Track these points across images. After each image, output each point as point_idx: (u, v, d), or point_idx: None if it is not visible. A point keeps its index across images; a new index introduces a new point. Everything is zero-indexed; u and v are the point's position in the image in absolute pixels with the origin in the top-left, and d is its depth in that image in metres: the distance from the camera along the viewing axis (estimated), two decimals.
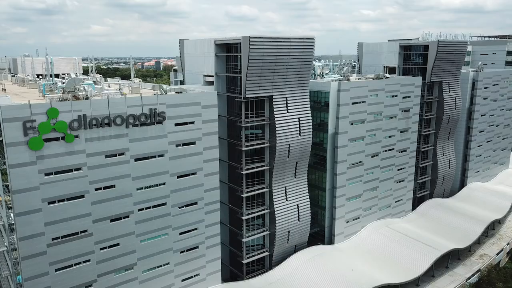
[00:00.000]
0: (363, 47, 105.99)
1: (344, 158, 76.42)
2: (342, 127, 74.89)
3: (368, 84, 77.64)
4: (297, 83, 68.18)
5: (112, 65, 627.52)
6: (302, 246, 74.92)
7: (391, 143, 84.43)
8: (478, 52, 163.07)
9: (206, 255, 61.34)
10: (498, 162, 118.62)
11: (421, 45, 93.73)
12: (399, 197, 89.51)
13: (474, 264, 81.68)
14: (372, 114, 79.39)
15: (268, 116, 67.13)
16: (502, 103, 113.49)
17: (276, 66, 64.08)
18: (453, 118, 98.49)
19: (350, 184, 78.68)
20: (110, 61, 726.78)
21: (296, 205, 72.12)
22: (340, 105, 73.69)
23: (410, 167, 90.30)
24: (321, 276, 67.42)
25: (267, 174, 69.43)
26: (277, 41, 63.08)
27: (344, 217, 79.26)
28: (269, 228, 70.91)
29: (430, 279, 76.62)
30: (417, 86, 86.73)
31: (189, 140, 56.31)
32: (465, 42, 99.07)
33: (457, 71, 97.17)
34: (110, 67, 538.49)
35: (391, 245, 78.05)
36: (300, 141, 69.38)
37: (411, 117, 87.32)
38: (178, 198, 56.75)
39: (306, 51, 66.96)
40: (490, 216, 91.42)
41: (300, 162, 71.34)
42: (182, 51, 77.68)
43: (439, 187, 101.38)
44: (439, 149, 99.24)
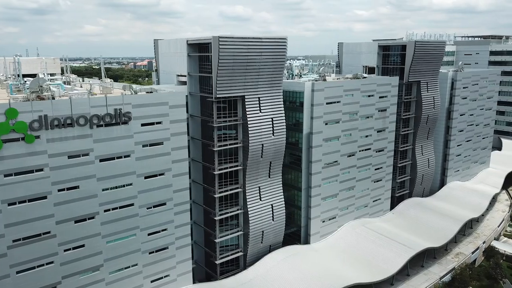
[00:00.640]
0: (343, 47, 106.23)
1: (319, 158, 76.52)
2: (317, 127, 74.97)
3: (343, 84, 77.81)
4: (270, 83, 68.14)
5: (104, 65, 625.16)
6: (277, 246, 74.94)
7: (367, 142, 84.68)
8: (462, 52, 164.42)
9: (176, 255, 61.13)
10: (478, 161, 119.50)
11: (399, 45, 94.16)
12: (376, 196, 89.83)
13: (449, 263, 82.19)
14: (348, 114, 79.56)
15: (241, 116, 67.06)
16: (482, 102, 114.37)
17: (247, 66, 63.98)
18: (431, 118, 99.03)
19: (325, 183, 78.80)
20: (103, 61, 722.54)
21: (270, 205, 72.10)
22: (314, 105, 73.76)
23: (388, 167, 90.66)
24: (294, 276, 67.44)
25: (240, 174, 69.34)
26: (248, 41, 62.98)
27: (320, 216, 79.37)
28: (243, 229, 70.84)
29: (405, 278, 76.98)
30: (394, 86, 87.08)
31: (157, 140, 56.07)
32: (443, 43, 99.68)
33: (435, 71, 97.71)
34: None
35: (367, 244, 78.28)
36: (274, 141, 69.35)
37: (388, 117, 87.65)
38: (146, 199, 56.50)
39: (279, 51, 66.93)
40: (467, 215, 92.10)
41: (274, 162, 71.31)
42: (156, 51, 77.38)
43: (418, 187, 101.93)
44: (418, 148, 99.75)
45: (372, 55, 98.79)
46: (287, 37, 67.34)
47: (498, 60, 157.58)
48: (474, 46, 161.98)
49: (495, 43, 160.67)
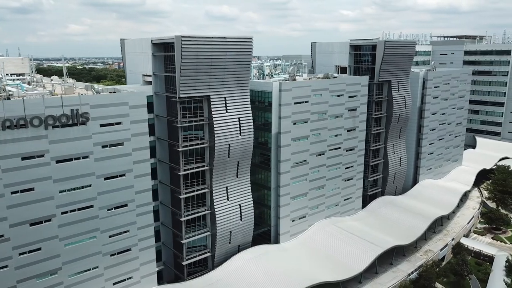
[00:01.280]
0: (316, 47, 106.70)
1: (287, 157, 76.69)
2: (285, 126, 75.10)
3: (311, 84, 78.13)
4: (236, 83, 67.98)
5: (88, 65, 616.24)
6: (246, 246, 74.88)
7: (337, 142, 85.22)
8: (438, 52, 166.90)
9: (139, 257, 60.59)
10: (451, 159, 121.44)
11: (369, 45, 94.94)
12: (347, 195, 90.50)
13: (418, 260, 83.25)
14: (316, 113, 79.93)
15: (207, 116, 66.76)
16: (454, 101, 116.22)
17: (212, 65, 63.73)
18: (403, 117, 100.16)
19: (294, 182, 79.04)
20: (87, 61, 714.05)
21: (238, 205, 71.98)
22: (282, 105, 73.88)
23: (359, 166, 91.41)
24: (261, 275, 67.47)
25: (207, 175, 69.05)
26: (212, 40, 62.72)
27: (290, 216, 79.59)
28: (210, 229, 70.58)
29: (373, 275, 77.74)
30: (363, 85, 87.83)
31: (117, 141, 55.46)
32: (413, 43, 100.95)
33: (406, 71, 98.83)
34: (86, 67, 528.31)
35: (336, 243, 78.79)
36: (241, 141, 69.24)
37: (358, 116, 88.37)
38: (106, 200, 55.82)
39: (244, 51, 66.85)
40: (436, 212, 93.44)
41: (242, 162, 71.21)
42: (123, 51, 76.54)
43: (391, 185, 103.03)
44: (389, 147, 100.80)
45: (344, 55, 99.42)
46: (252, 37, 67.34)
47: (472, 60, 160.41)
48: (449, 46, 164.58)
49: (469, 43, 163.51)
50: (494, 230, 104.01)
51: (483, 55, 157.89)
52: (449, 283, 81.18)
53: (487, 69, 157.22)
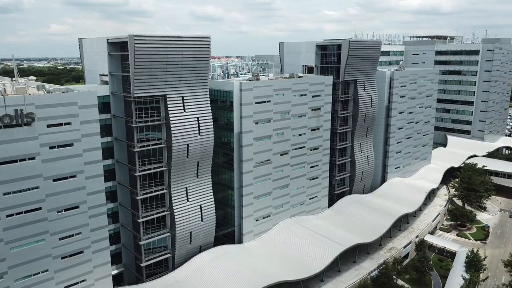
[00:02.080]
0: (284, 47, 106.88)
1: (250, 157, 76.56)
2: (246, 126, 74.95)
3: (272, 84, 78.19)
4: (194, 83, 67.54)
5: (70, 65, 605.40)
6: (208, 247, 74.51)
7: (301, 141, 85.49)
8: (411, 52, 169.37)
9: (93, 259, 59.60)
10: (419, 157, 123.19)
11: (335, 44, 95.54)
12: (313, 194, 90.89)
13: (381, 258, 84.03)
14: (279, 113, 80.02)
15: (164, 116, 66.17)
16: (421, 101, 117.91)
17: (168, 65, 63.19)
18: (369, 116, 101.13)
19: (257, 182, 78.97)
20: (69, 61, 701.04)
21: (199, 205, 71.56)
22: (243, 105, 73.70)
23: (324, 165, 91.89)
24: (221, 275, 67.21)
25: (166, 175, 68.45)
26: (167, 40, 62.18)
27: (253, 215, 79.50)
28: (170, 230, 70.00)
29: (336, 274, 78.26)
30: (327, 85, 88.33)
31: (66, 141, 54.40)
32: (378, 43, 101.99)
33: (372, 70, 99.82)
34: (67, 68, 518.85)
35: (299, 242, 79.01)
36: (200, 141, 68.84)
37: (323, 116, 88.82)
38: (56, 202, 54.72)
39: (202, 50, 66.48)
40: (401, 210, 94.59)
41: (202, 162, 70.80)
42: (81, 50, 75.29)
43: (358, 183, 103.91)
44: (356, 146, 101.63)
45: (310, 55, 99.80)
46: (210, 36, 67.02)
47: (443, 60, 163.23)
48: (421, 46, 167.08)
49: (440, 44, 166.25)
50: (459, 227, 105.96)
51: (454, 55, 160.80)
52: (411, 280, 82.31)
53: (457, 68, 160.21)
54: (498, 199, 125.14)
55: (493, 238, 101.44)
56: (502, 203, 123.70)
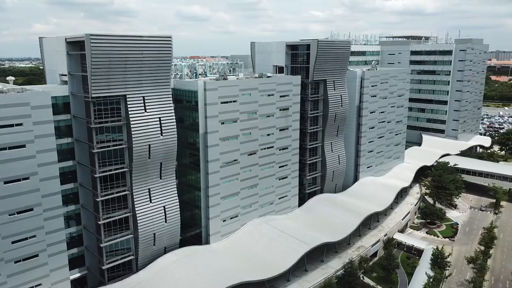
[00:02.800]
0: (255, 47, 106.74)
1: (216, 157, 76.15)
2: (212, 126, 74.53)
3: (238, 84, 77.94)
4: (156, 83, 66.87)
5: None
6: (173, 248, 73.88)
7: (269, 141, 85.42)
8: (387, 52, 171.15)
9: (49, 263, 58.45)
10: (392, 156, 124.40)
11: (304, 44, 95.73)
12: (283, 193, 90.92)
13: (349, 257, 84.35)
14: (246, 113, 79.78)
15: (124, 116, 65.33)
16: (393, 100, 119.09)
17: (127, 65, 62.42)
18: (340, 116, 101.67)
19: (225, 182, 78.62)
20: None
21: (162, 206, 70.88)
22: (208, 105, 73.26)
23: (294, 164, 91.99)
24: (185, 276, 66.66)
25: (128, 176, 67.59)
26: (126, 39, 61.45)
27: (220, 216, 79.11)
28: (133, 232, 69.16)
29: (302, 273, 78.44)
30: (295, 85, 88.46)
31: (17, 143, 53.15)
32: (348, 42, 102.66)
33: (342, 70, 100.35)
34: None
35: (266, 242, 78.93)
36: (163, 142, 68.19)
37: (291, 115, 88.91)
38: (8, 205, 53.44)
39: (163, 50, 65.92)
40: (370, 209, 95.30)
41: (165, 163, 70.14)
42: (42, 50, 73.84)
43: (330, 183, 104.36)
44: (327, 145, 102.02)
45: (281, 55, 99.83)
46: (171, 36, 66.46)
47: (418, 60, 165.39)
48: (397, 46, 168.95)
49: (415, 44, 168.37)
50: (429, 224, 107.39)
51: (428, 55, 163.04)
52: (378, 278, 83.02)
53: (432, 68, 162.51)
54: (469, 196, 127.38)
55: (461, 235, 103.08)
56: (472, 200, 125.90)
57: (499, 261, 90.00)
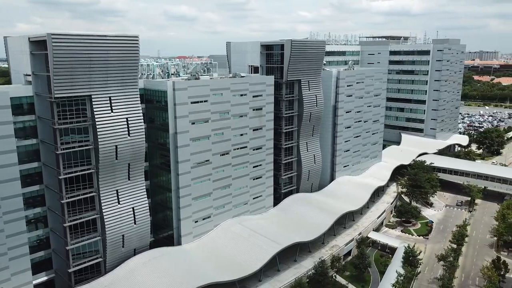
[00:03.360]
0: (230, 47, 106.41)
1: (186, 158, 75.61)
2: (182, 126, 73.97)
3: (209, 84, 77.55)
4: (123, 83, 66.11)
5: None
6: (143, 249, 73.14)
7: (243, 141, 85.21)
8: (366, 52, 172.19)
9: (10, 267, 57.35)
10: (369, 156, 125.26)
11: (278, 44, 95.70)
12: (257, 193, 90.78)
13: (323, 256, 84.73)
14: (218, 113, 79.42)
15: (90, 117, 64.41)
16: (369, 100, 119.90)
17: (92, 64, 61.59)
18: (314, 116, 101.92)
19: (196, 183, 78.14)
20: None
21: (131, 208, 70.07)
22: (177, 105, 72.69)
23: (268, 164, 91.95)
24: (152, 278, 65.98)
25: (94, 178, 66.67)
26: (89, 39, 60.61)
27: (192, 217, 78.59)
28: (101, 234, 68.25)
29: (275, 273, 78.42)
30: (269, 85, 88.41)
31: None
32: (323, 42, 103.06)
33: (316, 70, 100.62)
34: None
35: (238, 243, 78.66)
36: (130, 142, 67.43)
37: (265, 115, 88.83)
38: None
39: (130, 49, 65.21)
40: (344, 208, 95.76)
41: (134, 163, 69.38)
42: (7, 49, 72.44)
43: (305, 182, 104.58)
44: (302, 145, 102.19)
45: (256, 55, 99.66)
46: (138, 35, 65.80)
47: (397, 60, 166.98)
48: (376, 46, 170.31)
49: (394, 44, 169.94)
50: (405, 223, 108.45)
51: (406, 55, 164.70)
52: (351, 277, 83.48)
53: (410, 68, 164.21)
54: (445, 194, 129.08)
55: (436, 233, 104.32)
56: (448, 199, 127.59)
57: (470, 258, 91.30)
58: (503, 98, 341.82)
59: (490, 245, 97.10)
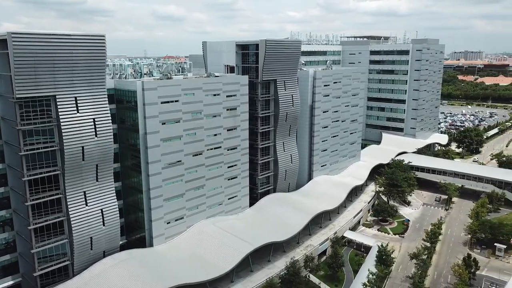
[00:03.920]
0: (207, 46, 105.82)
1: (157, 159, 74.80)
2: (152, 127, 73.16)
3: (180, 83, 76.89)
4: (89, 83, 65.13)
5: None
6: (113, 251, 72.19)
7: (216, 141, 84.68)
8: (347, 52, 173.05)
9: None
10: (347, 155, 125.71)
11: (253, 44, 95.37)
12: (232, 194, 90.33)
13: (297, 256, 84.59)
14: (190, 113, 78.77)
15: (55, 117, 63.27)
16: (347, 99, 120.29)
17: (56, 64, 60.50)
18: (291, 116, 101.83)
19: (168, 184, 77.38)
20: None
21: (99, 210, 69.08)
22: (146, 105, 71.86)
23: (243, 164, 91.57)
24: (120, 280, 65.08)
25: (61, 179, 65.53)
26: (53, 38, 59.51)
27: (164, 218, 77.81)
28: (68, 236, 67.13)
29: (247, 274, 78.08)
30: (243, 84, 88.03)
31: None
32: (298, 42, 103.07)
33: (292, 70, 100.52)
34: None
35: (212, 243, 78.09)
36: (98, 143, 66.47)
37: (239, 115, 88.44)
38: None
39: (96, 49, 64.27)
40: (319, 208, 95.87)
41: (102, 165, 68.40)
42: None
43: (282, 182, 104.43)
44: (279, 145, 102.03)
45: (232, 54, 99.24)
46: (105, 34, 64.85)
47: (377, 60, 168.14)
48: (357, 46, 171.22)
49: (374, 44, 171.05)
50: (382, 222, 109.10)
51: (387, 54, 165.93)
52: (325, 276, 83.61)
53: (390, 68, 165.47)
54: (423, 193, 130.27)
55: (411, 232, 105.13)
56: (426, 197, 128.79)
57: (444, 256, 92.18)
58: (485, 98, 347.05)
59: (464, 243, 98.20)
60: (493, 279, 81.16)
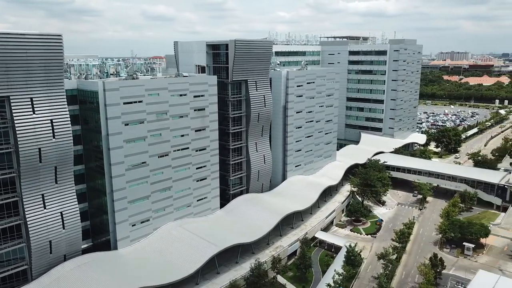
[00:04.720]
0: (178, 46, 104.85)
1: (120, 160, 73.68)
2: (114, 127, 72.03)
3: (144, 83, 75.87)
4: (46, 83, 63.85)
5: None
6: (75, 255, 70.90)
7: (184, 142, 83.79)
8: (327, 52, 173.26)
9: None
10: (323, 155, 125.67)
11: (224, 44, 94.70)
12: (201, 195, 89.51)
13: (266, 257, 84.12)
14: (155, 113, 77.78)
15: (10, 118, 61.86)
16: (321, 100, 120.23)
17: (9, 64, 59.21)
18: (263, 116, 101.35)
19: (132, 186, 76.30)
20: None
21: (59, 213, 67.77)
22: (108, 105, 70.74)
23: (213, 165, 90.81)
24: (80, 285, 63.90)
25: (17, 182, 64.10)
26: (5, 37, 58.18)
27: (128, 220, 76.70)
28: (26, 240, 65.71)
29: (214, 276, 77.33)
30: (211, 85, 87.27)
31: None
32: (269, 42, 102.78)
33: (264, 70, 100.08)
34: None
35: (176, 245, 77.17)
36: (56, 145, 65.20)
37: (208, 116, 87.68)
38: None
39: (53, 49, 63.07)
40: (290, 208, 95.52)
41: (61, 166, 67.13)
42: None
43: (255, 182, 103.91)
44: (251, 145, 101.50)
45: (202, 54, 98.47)
46: (61, 34, 63.68)
47: (356, 60, 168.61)
48: (336, 46, 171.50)
49: (353, 44, 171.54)
50: (355, 222, 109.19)
51: (365, 55, 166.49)
52: (294, 277, 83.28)
53: (369, 68, 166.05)
54: (398, 193, 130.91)
55: (384, 232, 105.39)
56: (401, 197, 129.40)
57: (414, 256, 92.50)
58: (468, 98, 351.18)
59: (435, 242, 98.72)
60: (460, 278, 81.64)
